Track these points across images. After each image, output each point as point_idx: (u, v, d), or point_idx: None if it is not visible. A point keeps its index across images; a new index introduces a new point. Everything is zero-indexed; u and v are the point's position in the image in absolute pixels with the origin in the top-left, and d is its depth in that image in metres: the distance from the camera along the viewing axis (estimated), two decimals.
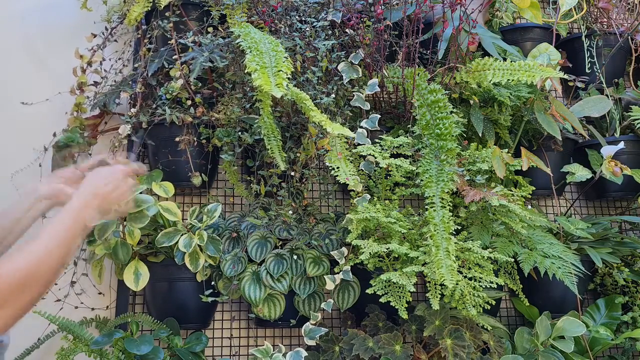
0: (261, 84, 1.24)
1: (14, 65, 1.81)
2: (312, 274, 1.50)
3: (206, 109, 1.60)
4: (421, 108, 1.53)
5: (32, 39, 1.84)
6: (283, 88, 1.24)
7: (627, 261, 1.85)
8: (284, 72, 1.29)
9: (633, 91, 2.03)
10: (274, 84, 1.25)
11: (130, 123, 1.59)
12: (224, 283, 1.52)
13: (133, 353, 1.37)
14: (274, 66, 1.31)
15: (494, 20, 2.07)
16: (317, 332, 1.50)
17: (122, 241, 1.46)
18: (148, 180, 1.54)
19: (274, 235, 1.56)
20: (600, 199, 2.06)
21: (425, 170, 1.44)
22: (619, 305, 1.78)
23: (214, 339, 1.68)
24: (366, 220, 1.48)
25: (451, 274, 1.26)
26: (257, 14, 1.64)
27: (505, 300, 1.89)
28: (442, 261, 1.28)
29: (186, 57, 1.54)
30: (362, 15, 1.65)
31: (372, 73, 1.67)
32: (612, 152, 1.69)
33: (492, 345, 1.53)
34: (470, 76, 1.63)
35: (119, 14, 1.77)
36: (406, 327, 1.53)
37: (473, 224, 1.59)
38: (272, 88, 1.23)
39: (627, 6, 2.19)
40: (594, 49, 2.06)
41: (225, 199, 1.80)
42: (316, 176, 1.65)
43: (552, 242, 1.59)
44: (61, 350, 1.41)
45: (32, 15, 1.87)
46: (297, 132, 1.59)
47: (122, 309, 1.58)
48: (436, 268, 1.28)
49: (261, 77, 1.25)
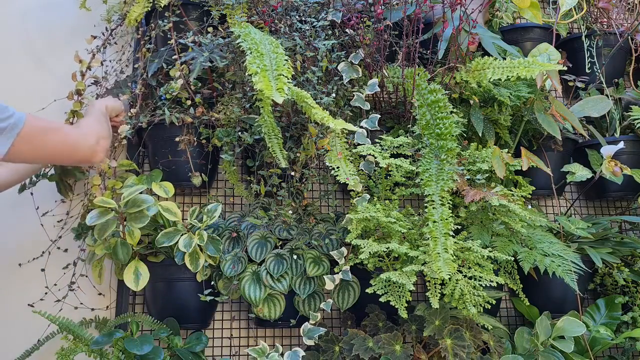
0: (262, 88, 1.24)
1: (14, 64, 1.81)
2: (312, 274, 1.50)
3: (206, 109, 1.61)
4: (421, 108, 1.53)
5: (32, 39, 1.84)
6: (284, 93, 1.24)
7: (627, 261, 1.85)
8: (285, 76, 1.29)
9: (633, 91, 2.03)
10: (274, 89, 1.25)
11: (129, 123, 1.59)
12: (224, 283, 1.52)
13: (133, 353, 1.37)
14: (274, 69, 1.31)
15: (494, 20, 2.07)
16: (316, 332, 1.50)
17: (122, 241, 1.46)
18: (148, 180, 1.54)
19: (274, 235, 1.56)
20: (600, 199, 2.06)
21: (425, 169, 1.44)
22: (619, 305, 1.78)
23: (214, 339, 1.68)
24: (366, 220, 1.48)
25: (448, 267, 1.25)
26: (257, 14, 1.64)
27: (505, 300, 1.89)
28: (439, 255, 1.27)
29: (186, 57, 1.54)
30: (362, 15, 1.65)
31: (372, 73, 1.68)
32: (612, 152, 1.69)
33: (492, 345, 1.53)
34: (470, 76, 1.63)
35: (119, 14, 1.77)
36: (406, 327, 1.53)
37: (473, 224, 1.59)
38: (273, 93, 1.23)
39: (627, 6, 2.19)
40: (594, 49, 2.06)
41: (225, 199, 1.80)
42: (316, 176, 1.65)
43: (552, 241, 1.59)
44: (61, 350, 1.41)
45: (32, 15, 1.87)
46: (297, 132, 1.59)
47: (122, 309, 1.58)
48: (433, 261, 1.27)
49: (262, 80, 1.25)
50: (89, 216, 1.43)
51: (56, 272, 1.62)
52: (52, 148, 1.25)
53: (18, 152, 1.17)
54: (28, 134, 1.17)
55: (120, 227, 1.46)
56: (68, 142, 1.28)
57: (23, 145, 1.17)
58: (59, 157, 1.33)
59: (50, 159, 1.34)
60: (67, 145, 1.28)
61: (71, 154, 1.31)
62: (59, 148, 1.27)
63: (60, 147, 1.27)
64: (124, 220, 1.46)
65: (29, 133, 1.17)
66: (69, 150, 1.29)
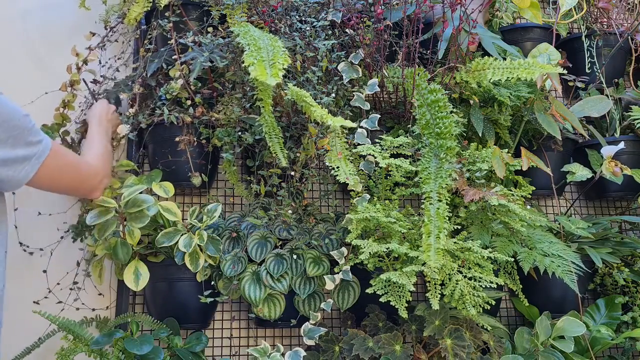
0: (257, 75, 1.24)
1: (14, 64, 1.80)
2: (312, 274, 1.50)
3: (206, 109, 1.61)
4: (421, 108, 1.53)
5: (32, 38, 1.84)
6: (278, 77, 1.24)
7: (627, 261, 1.85)
8: (281, 63, 1.29)
9: (633, 91, 2.03)
10: (269, 75, 1.25)
11: (128, 123, 1.59)
12: (224, 283, 1.52)
13: (133, 353, 1.38)
14: (271, 59, 1.32)
15: (494, 20, 2.07)
16: (316, 332, 1.50)
17: (122, 241, 1.46)
18: (148, 180, 1.54)
19: (274, 235, 1.56)
20: (600, 199, 2.06)
21: (424, 168, 1.44)
22: (619, 305, 1.78)
23: (214, 339, 1.68)
24: (366, 220, 1.48)
25: (437, 256, 1.23)
26: (257, 14, 1.64)
27: (505, 300, 1.89)
28: (430, 245, 1.26)
29: (186, 57, 1.54)
30: (362, 15, 1.65)
31: (372, 73, 1.68)
32: (612, 152, 1.69)
33: (492, 345, 1.53)
34: (470, 76, 1.63)
35: (118, 14, 1.77)
36: (406, 327, 1.53)
37: (473, 224, 1.59)
38: (268, 78, 1.24)
39: (627, 6, 2.19)
40: (594, 49, 2.06)
41: (225, 199, 1.80)
42: (316, 176, 1.65)
43: (552, 241, 1.59)
44: (61, 350, 1.41)
45: (32, 15, 1.87)
46: (297, 132, 1.59)
47: (122, 309, 1.58)
48: (424, 251, 1.26)
49: (257, 69, 1.26)
50: (89, 216, 1.43)
51: (56, 272, 1.62)
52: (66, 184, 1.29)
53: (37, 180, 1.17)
54: (51, 165, 1.18)
55: (120, 227, 1.46)
56: (79, 179, 1.32)
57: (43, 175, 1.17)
58: (64, 190, 1.37)
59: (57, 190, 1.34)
60: (77, 182, 1.32)
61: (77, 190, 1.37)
62: (70, 185, 1.32)
63: (71, 184, 1.31)
64: (124, 220, 1.46)
65: (52, 164, 1.18)
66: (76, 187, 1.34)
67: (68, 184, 1.30)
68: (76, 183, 1.32)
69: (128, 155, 1.73)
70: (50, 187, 1.27)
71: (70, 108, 1.64)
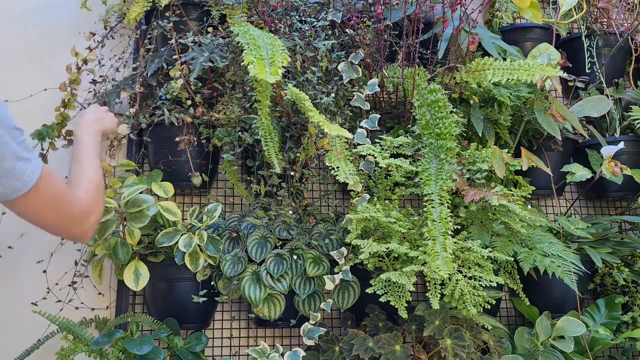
0: (256, 73, 1.24)
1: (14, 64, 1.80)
2: (312, 274, 1.50)
3: (206, 108, 1.61)
4: (421, 108, 1.53)
5: (32, 39, 1.84)
6: (277, 75, 1.24)
7: (627, 261, 1.85)
8: (280, 61, 1.29)
9: (633, 91, 2.03)
10: (269, 73, 1.25)
11: (128, 123, 1.59)
12: (224, 283, 1.52)
13: (133, 353, 1.37)
14: (270, 57, 1.32)
15: (494, 20, 2.07)
16: (315, 332, 1.50)
17: (122, 241, 1.46)
18: (148, 180, 1.54)
19: (274, 235, 1.56)
20: (600, 199, 2.06)
21: (424, 169, 1.44)
22: (619, 305, 1.78)
23: (214, 339, 1.68)
24: (366, 220, 1.48)
25: (446, 265, 1.25)
26: (257, 14, 1.64)
27: (505, 300, 1.89)
28: (438, 254, 1.27)
29: (186, 57, 1.54)
30: (362, 15, 1.65)
31: (372, 73, 1.68)
32: (612, 152, 1.69)
33: (492, 345, 1.53)
34: (470, 76, 1.63)
35: (118, 14, 1.77)
36: (406, 327, 1.53)
37: (473, 224, 1.59)
38: (267, 76, 1.24)
39: (627, 6, 2.19)
40: (594, 49, 2.06)
41: (225, 199, 1.80)
42: (316, 176, 1.65)
43: (552, 242, 1.59)
44: (61, 350, 1.41)
45: (32, 15, 1.87)
46: (297, 132, 1.59)
47: (122, 309, 1.58)
48: (432, 260, 1.27)
49: (256, 67, 1.26)
50: None
51: (56, 272, 1.62)
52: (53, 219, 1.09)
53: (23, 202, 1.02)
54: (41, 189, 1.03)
55: (120, 227, 1.46)
56: (68, 217, 1.11)
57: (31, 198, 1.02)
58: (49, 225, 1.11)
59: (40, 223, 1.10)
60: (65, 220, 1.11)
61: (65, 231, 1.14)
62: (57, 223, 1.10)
63: (58, 222, 1.10)
64: (124, 220, 1.46)
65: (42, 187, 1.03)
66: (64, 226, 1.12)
67: (55, 220, 1.09)
68: (64, 222, 1.11)
69: (128, 155, 1.73)
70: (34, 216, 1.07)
71: (70, 107, 1.64)
